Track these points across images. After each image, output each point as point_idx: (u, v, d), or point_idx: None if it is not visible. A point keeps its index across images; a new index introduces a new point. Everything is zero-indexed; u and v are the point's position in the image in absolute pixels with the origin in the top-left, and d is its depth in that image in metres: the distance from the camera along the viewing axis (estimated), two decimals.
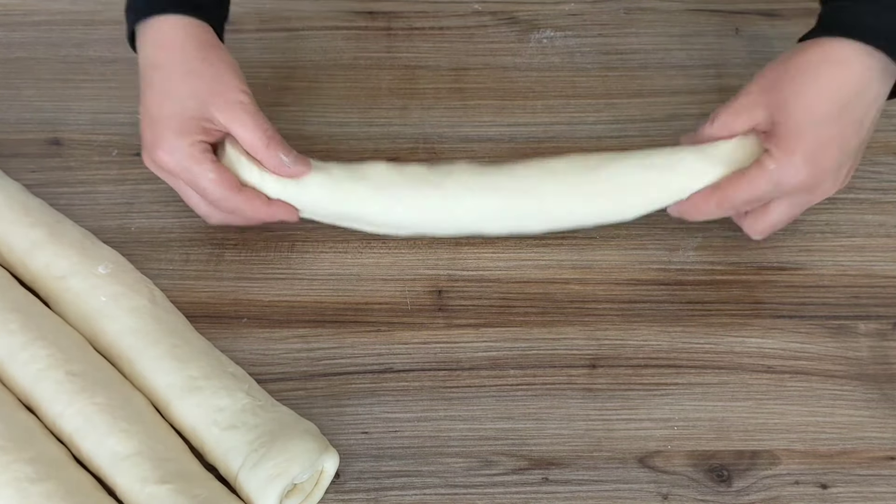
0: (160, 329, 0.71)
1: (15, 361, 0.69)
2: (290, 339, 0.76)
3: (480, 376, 0.74)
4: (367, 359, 0.75)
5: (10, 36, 0.92)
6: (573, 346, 0.76)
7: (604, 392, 0.74)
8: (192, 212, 0.81)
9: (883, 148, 0.87)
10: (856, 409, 0.73)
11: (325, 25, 0.94)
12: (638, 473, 0.70)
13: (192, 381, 0.69)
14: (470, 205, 0.76)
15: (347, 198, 0.76)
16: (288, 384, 0.74)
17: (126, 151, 0.85)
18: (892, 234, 0.82)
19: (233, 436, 0.67)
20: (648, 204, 0.76)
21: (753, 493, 0.70)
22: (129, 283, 0.74)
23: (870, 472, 0.71)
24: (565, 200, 0.76)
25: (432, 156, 0.86)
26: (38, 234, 0.75)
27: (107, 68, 0.90)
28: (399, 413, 0.73)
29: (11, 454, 0.65)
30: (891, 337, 0.77)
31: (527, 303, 0.78)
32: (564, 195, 0.76)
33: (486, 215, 0.77)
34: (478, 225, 0.78)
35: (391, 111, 0.89)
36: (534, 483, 0.70)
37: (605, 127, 0.88)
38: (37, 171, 0.84)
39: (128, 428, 0.67)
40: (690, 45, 0.94)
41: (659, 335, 0.77)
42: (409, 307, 0.78)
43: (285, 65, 0.91)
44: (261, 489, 0.66)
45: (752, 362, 0.75)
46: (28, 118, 0.87)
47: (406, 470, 0.70)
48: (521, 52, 0.93)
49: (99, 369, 0.70)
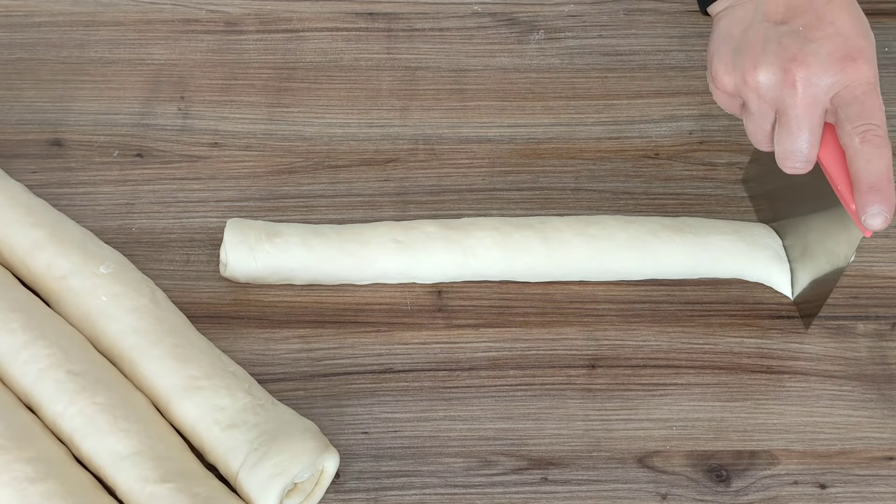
0: (161, 329, 0.72)
1: (16, 361, 0.70)
2: (291, 339, 0.76)
3: (480, 376, 0.75)
4: (367, 359, 0.75)
5: (11, 37, 0.92)
6: (572, 346, 0.76)
7: (603, 392, 0.74)
8: (194, 212, 0.82)
9: None
10: (854, 409, 0.74)
11: (326, 27, 0.94)
12: (637, 473, 0.71)
13: (192, 381, 0.69)
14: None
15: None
16: (288, 384, 0.74)
17: (127, 152, 0.85)
18: (890, 234, 0.82)
19: (233, 435, 0.68)
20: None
21: (752, 492, 0.70)
22: (131, 283, 0.74)
23: (868, 472, 0.71)
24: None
25: (432, 156, 0.86)
26: (39, 234, 0.75)
27: (108, 69, 0.90)
28: (399, 413, 0.73)
29: (11, 453, 0.65)
30: (889, 337, 0.77)
31: (526, 303, 0.78)
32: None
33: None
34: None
35: (391, 112, 0.89)
36: (533, 483, 0.70)
37: (605, 128, 0.88)
38: (38, 172, 0.84)
39: (128, 427, 0.67)
40: (690, 47, 0.94)
41: (658, 335, 0.77)
42: (409, 307, 0.78)
43: (285, 65, 0.92)
44: (261, 488, 0.66)
45: (751, 362, 0.76)
46: (29, 119, 0.87)
47: (406, 470, 0.70)
48: (521, 54, 0.93)
49: (100, 369, 0.70)
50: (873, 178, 0.67)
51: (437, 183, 0.84)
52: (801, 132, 0.70)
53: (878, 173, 0.67)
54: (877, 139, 0.67)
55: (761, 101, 0.70)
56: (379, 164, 0.85)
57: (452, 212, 0.83)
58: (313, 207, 0.83)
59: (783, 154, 0.71)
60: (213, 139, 0.86)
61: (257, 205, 0.83)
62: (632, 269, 0.78)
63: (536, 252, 0.77)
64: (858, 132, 0.67)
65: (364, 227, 0.78)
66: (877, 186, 0.67)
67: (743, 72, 0.71)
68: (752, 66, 0.70)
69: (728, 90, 0.73)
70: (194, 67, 0.91)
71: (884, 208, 0.67)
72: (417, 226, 0.78)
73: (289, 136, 0.87)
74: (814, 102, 0.69)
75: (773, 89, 0.70)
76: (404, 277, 0.78)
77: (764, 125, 0.72)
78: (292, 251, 0.77)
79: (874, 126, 0.67)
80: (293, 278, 0.78)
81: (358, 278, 0.78)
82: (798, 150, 0.70)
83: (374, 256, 0.77)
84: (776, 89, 0.69)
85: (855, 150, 0.68)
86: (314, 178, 0.84)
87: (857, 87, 0.68)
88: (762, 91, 0.70)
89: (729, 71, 0.72)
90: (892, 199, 0.68)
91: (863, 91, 0.68)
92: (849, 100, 0.68)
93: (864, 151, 0.67)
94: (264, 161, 0.85)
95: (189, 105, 0.88)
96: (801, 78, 0.68)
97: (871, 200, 0.67)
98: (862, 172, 0.68)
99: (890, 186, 0.68)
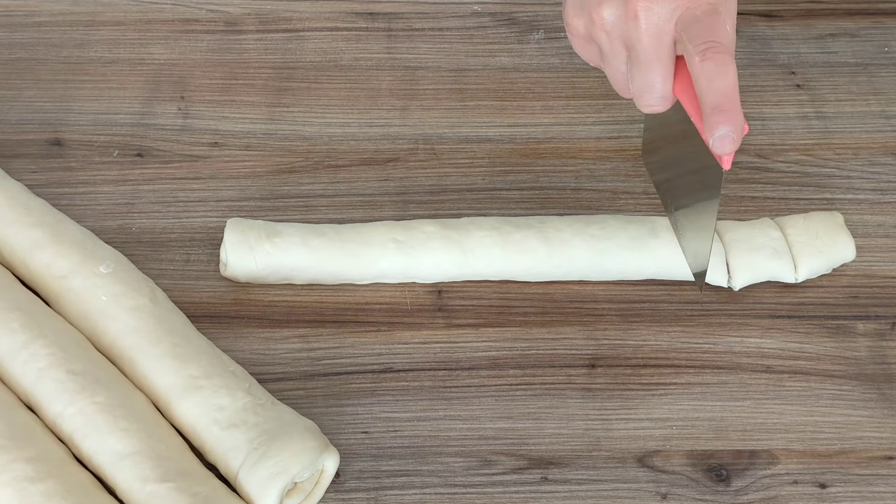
0: (161, 328, 0.72)
1: (16, 360, 0.70)
2: (291, 338, 0.76)
3: (480, 376, 0.75)
4: (367, 359, 0.75)
5: (11, 37, 0.92)
6: (572, 345, 0.76)
7: (603, 392, 0.74)
8: (194, 212, 0.82)
9: (881, 148, 0.88)
10: (854, 408, 0.74)
11: (326, 26, 0.95)
12: (637, 473, 0.71)
13: (192, 381, 0.69)
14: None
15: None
16: (288, 384, 0.74)
17: (127, 152, 0.85)
18: (890, 234, 0.82)
19: (233, 434, 0.68)
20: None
21: (752, 492, 0.70)
22: (131, 283, 0.74)
23: (868, 471, 0.71)
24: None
25: (432, 156, 0.86)
26: (39, 233, 0.75)
27: (108, 69, 0.90)
28: (399, 413, 0.73)
29: (11, 453, 0.65)
30: (889, 337, 0.77)
31: (526, 303, 0.78)
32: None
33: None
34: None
35: (391, 112, 0.89)
36: (533, 482, 0.70)
37: (604, 128, 0.88)
38: (38, 172, 0.84)
39: (128, 427, 0.67)
40: None
41: (658, 335, 0.77)
42: (409, 307, 0.78)
43: (285, 65, 0.92)
44: (261, 488, 0.66)
45: (751, 362, 0.76)
46: (29, 119, 0.87)
47: (406, 469, 0.70)
48: (521, 53, 0.93)
49: (100, 368, 0.70)
50: (716, 98, 0.65)
51: (437, 183, 0.84)
52: (650, 65, 0.68)
53: (721, 92, 0.65)
54: (718, 56, 0.65)
55: (610, 39, 0.69)
56: (379, 164, 0.85)
57: (452, 212, 0.83)
58: (313, 207, 0.83)
59: (637, 92, 0.69)
60: (213, 139, 0.86)
61: (257, 204, 0.83)
62: (632, 269, 0.78)
63: (536, 252, 0.77)
64: (699, 51, 0.65)
65: (364, 227, 0.78)
66: (721, 106, 0.65)
67: (589, 10, 0.69)
68: (596, 3, 0.69)
69: (580, 34, 0.71)
70: (194, 67, 0.91)
71: (730, 129, 0.65)
72: (417, 225, 0.78)
73: (289, 136, 0.87)
74: (658, 32, 0.67)
75: (618, 24, 0.68)
76: (404, 277, 0.78)
77: (619, 66, 0.70)
78: (292, 251, 0.77)
79: (715, 43, 0.65)
80: (293, 278, 0.78)
81: (358, 278, 0.78)
82: (651, 84, 0.69)
83: (374, 256, 0.77)
84: (621, 23, 0.68)
85: (697, 70, 0.65)
86: (314, 177, 0.84)
87: (697, 8, 0.66)
88: (608, 28, 0.69)
89: (578, 12, 0.71)
90: (739, 118, 0.65)
91: (703, 11, 0.66)
92: (689, 20, 0.66)
93: (706, 70, 0.65)
94: (264, 161, 0.85)
95: (189, 105, 0.88)
96: (643, 7, 0.67)
97: (717, 122, 0.65)
98: (705, 93, 0.65)
99: (735, 105, 0.65)
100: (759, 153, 0.87)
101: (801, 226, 0.79)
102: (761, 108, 0.90)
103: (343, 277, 0.78)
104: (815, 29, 0.96)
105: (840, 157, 0.87)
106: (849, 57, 0.94)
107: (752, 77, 0.92)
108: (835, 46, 0.95)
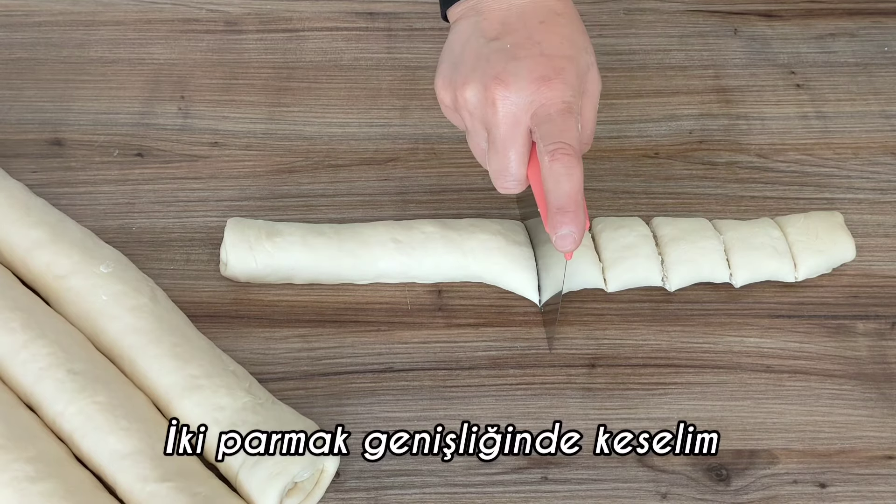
0: (161, 328, 0.72)
1: (16, 360, 0.70)
2: (291, 338, 0.76)
3: (480, 376, 0.75)
4: (368, 358, 0.75)
5: (11, 36, 0.92)
6: (572, 345, 0.76)
7: (603, 391, 0.74)
8: (194, 212, 0.82)
9: (881, 148, 0.88)
10: (854, 408, 0.74)
11: (326, 26, 0.95)
12: (637, 472, 0.71)
13: (192, 380, 0.69)
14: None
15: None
16: (288, 384, 0.74)
17: (127, 151, 0.85)
18: (890, 233, 0.82)
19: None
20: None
21: (752, 492, 0.70)
22: (131, 283, 0.74)
23: (868, 471, 0.71)
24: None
25: (432, 156, 0.86)
26: (39, 233, 0.75)
27: (108, 69, 0.91)
28: (399, 412, 0.73)
29: (12, 453, 0.65)
30: (889, 336, 0.77)
31: (526, 303, 0.78)
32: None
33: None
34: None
35: (391, 112, 0.89)
36: (533, 482, 0.70)
37: (604, 127, 0.88)
38: (38, 172, 0.84)
39: (128, 426, 0.67)
40: (689, 46, 0.94)
41: (658, 335, 0.77)
42: (409, 307, 0.78)
43: (285, 65, 0.92)
44: (261, 487, 0.66)
45: (751, 362, 0.76)
46: (29, 119, 0.87)
47: (406, 469, 0.70)
48: None
49: (100, 368, 0.70)
50: (561, 199, 0.67)
51: (437, 182, 0.84)
52: (505, 151, 0.69)
53: (566, 194, 0.67)
54: (565, 157, 0.66)
55: (472, 118, 0.70)
56: (379, 164, 0.85)
57: (452, 212, 0.83)
58: (313, 207, 0.83)
59: (493, 173, 0.71)
60: (213, 139, 0.86)
61: (257, 204, 0.83)
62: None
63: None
64: (549, 150, 0.67)
65: (364, 227, 0.78)
66: (565, 207, 0.67)
67: (454, 88, 0.71)
68: (462, 82, 0.70)
69: (447, 105, 0.73)
70: (194, 67, 0.91)
71: (572, 229, 0.67)
72: (417, 225, 0.78)
73: (289, 136, 0.87)
74: (514, 121, 0.68)
75: (479, 107, 0.70)
76: (404, 277, 0.78)
77: (480, 143, 0.72)
78: (292, 250, 0.77)
79: (563, 144, 0.67)
80: (293, 277, 0.78)
81: (358, 278, 0.78)
82: (505, 168, 0.70)
83: (374, 256, 0.77)
84: (481, 107, 0.69)
85: (546, 169, 0.67)
86: (314, 177, 0.84)
87: (551, 106, 0.68)
88: (470, 108, 0.70)
89: (446, 86, 0.72)
90: (581, 220, 0.67)
91: (556, 110, 0.67)
92: (543, 118, 0.68)
93: (554, 170, 0.66)
94: (264, 160, 0.85)
95: (189, 105, 0.88)
96: (500, 96, 0.68)
97: (560, 222, 0.67)
98: (551, 193, 0.67)
99: (578, 208, 0.67)
100: (759, 153, 0.87)
101: (801, 225, 0.79)
102: (761, 108, 0.90)
103: (343, 277, 0.78)
104: (815, 29, 0.96)
105: (840, 156, 0.87)
106: (848, 57, 0.94)
107: (752, 77, 0.92)
108: (835, 46, 0.95)
